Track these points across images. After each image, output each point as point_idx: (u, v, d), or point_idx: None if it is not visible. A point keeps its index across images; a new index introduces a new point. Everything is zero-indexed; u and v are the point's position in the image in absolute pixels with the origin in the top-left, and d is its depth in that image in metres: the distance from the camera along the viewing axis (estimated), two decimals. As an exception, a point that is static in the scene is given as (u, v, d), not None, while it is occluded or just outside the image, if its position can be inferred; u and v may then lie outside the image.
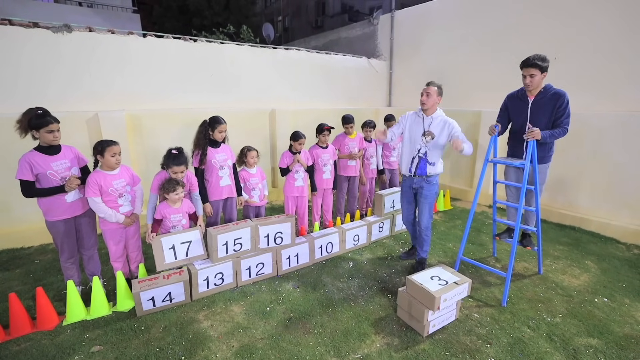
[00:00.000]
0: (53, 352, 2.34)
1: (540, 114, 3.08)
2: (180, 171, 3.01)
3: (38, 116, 2.53)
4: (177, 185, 2.97)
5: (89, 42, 4.38)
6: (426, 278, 2.64)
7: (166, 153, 3.06)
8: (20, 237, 4.02)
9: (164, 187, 2.96)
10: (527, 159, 2.90)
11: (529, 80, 3.02)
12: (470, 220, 3.21)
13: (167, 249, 2.94)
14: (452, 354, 2.35)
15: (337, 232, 3.79)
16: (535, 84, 3.02)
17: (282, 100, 6.26)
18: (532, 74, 2.98)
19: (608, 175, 4.43)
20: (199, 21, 18.54)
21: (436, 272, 2.74)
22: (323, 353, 2.35)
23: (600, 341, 2.46)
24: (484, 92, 6.01)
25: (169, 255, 2.96)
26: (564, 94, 3.00)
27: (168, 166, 3.01)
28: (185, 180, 3.13)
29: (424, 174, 3.21)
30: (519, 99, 3.24)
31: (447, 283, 2.57)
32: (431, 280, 2.60)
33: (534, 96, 3.12)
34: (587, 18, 4.65)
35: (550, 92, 3.04)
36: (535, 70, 2.96)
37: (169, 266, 2.99)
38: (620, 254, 3.87)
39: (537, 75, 2.98)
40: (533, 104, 3.12)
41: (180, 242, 3.01)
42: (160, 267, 2.95)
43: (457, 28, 6.32)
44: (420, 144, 3.20)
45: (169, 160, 3.00)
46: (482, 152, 5.69)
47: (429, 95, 3.10)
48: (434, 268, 2.81)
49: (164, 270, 2.97)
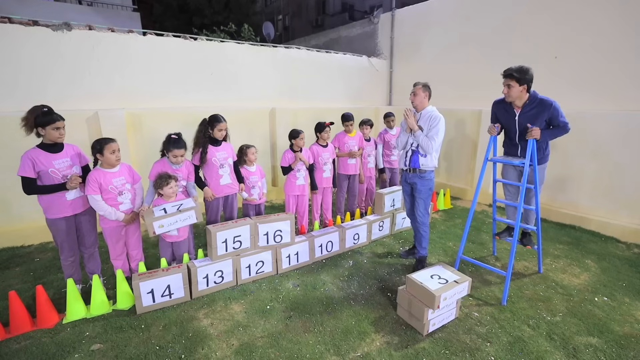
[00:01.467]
0: (53, 350, 2.34)
1: (529, 124, 2.99)
2: (180, 154, 3.05)
3: (45, 113, 2.55)
4: (170, 179, 2.99)
5: (89, 40, 4.37)
6: (426, 277, 2.63)
7: (165, 138, 3.10)
8: (21, 236, 4.01)
9: (157, 183, 2.98)
10: (527, 158, 2.89)
11: (506, 91, 2.98)
12: (470, 219, 3.21)
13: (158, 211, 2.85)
14: (452, 352, 2.35)
15: (337, 230, 3.79)
16: (513, 95, 2.95)
17: (282, 99, 6.26)
18: (509, 84, 2.94)
19: (608, 174, 4.43)
20: (199, 20, 18.50)
21: (436, 271, 2.74)
22: (323, 352, 2.36)
23: (601, 340, 2.46)
24: (483, 91, 5.97)
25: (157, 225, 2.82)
26: (552, 103, 2.91)
27: (168, 150, 3.04)
28: (183, 168, 3.15)
29: (417, 166, 3.27)
30: (504, 109, 3.17)
31: (447, 282, 2.57)
32: (431, 279, 2.60)
33: (520, 108, 3.04)
34: (587, 17, 4.64)
35: (535, 102, 2.96)
36: (512, 81, 2.91)
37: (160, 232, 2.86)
38: (620, 253, 3.86)
39: (514, 87, 2.91)
40: (520, 116, 3.05)
41: (171, 206, 2.93)
42: (152, 234, 2.83)
43: (457, 27, 6.31)
44: (412, 138, 3.27)
45: (169, 144, 3.04)
46: (481, 151, 5.69)
47: (416, 94, 3.23)
48: (434, 267, 2.81)
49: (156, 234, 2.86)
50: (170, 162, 3.12)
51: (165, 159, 3.16)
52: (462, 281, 2.60)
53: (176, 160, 3.07)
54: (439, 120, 3.15)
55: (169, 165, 3.12)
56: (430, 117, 3.19)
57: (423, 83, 3.25)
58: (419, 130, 3.19)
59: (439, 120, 3.15)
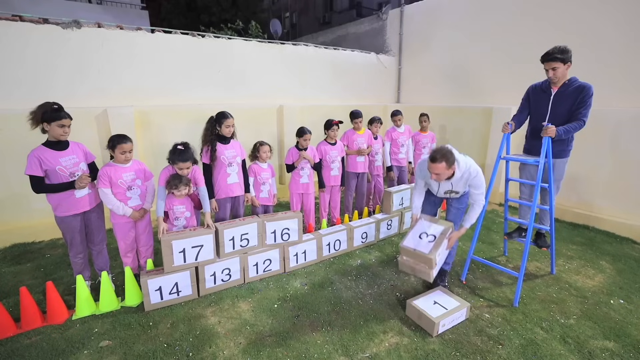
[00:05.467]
0: (63, 346, 2.35)
1: (561, 106, 3.01)
2: (185, 167, 2.97)
3: (53, 110, 2.57)
4: (180, 183, 2.95)
5: (98, 38, 4.40)
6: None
7: (172, 148, 3.03)
8: (32, 232, 4.07)
9: (169, 183, 2.96)
10: (542, 156, 2.82)
11: (552, 74, 2.97)
12: (482, 218, 3.15)
13: (177, 253, 2.82)
14: (463, 354, 2.30)
15: (345, 229, 3.75)
16: (559, 75, 2.96)
17: (289, 96, 6.22)
18: (554, 67, 2.93)
19: (624, 173, 4.30)
20: (207, 17, 18.59)
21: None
22: (331, 351, 2.33)
23: (617, 344, 2.39)
24: (495, 89, 5.89)
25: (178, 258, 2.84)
26: (589, 87, 2.92)
27: (174, 162, 2.98)
28: (190, 176, 3.12)
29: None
30: (542, 91, 3.16)
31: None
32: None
33: (557, 87, 3.05)
34: (604, 11, 4.50)
35: (574, 85, 2.97)
36: (557, 63, 2.91)
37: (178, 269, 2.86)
38: (636, 255, 3.76)
39: (559, 68, 2.92)
40: (555, 95, 3.05)
41: (191, 247, 2.87)
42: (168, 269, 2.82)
43: (468, 23, 6.19)
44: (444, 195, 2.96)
45: (174, 155, 2.98)
46: (493, 149, 5.59)
47: (439, 175, 2.57)
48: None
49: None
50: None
51: (171, 167, 3.06)
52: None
53: (182, 173, 2.98)
54: (479, 179, 2.67)
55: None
56: (466, 180, 2.70)
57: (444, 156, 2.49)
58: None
59: (480, 179, 2.67)
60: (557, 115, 3.02)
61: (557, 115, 3.02)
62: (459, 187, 2.77)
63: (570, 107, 2.98)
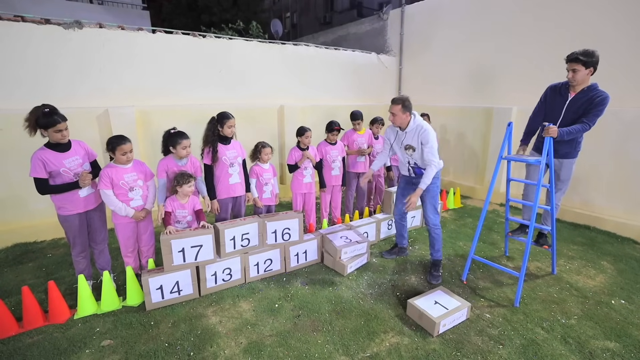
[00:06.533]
0: (65, 345, 2.36)
1: (575, 113, 2.98)
2: (188, 145, 3.05)
3: (45, 115, 2.50)
4: (190, 177, 2.98)
5: (99, 38, 4.40)
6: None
7: (165, 134, 3.07)
8: (33, 231, 4.08)
9: (177, 180, 2.96)
10: (543, 157, 2.81)
11: (571, 75, 2.94)
12: (483, 218, 3.15)
13: (177, 252, 2.83)
14: (464, 354, 2.30)
15: (346, 229, 3.75)
16: (578, 79, 2.92)
17: (290, 96, 6.22)
18: (574, 68, 2.90)
19: (626, 173, 4.29)
20: (208, 17, 18.63)
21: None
22: (332, 351, 2.33)
23: (619, 345, 2.39)
24: (495, 89, 5.88)
25: (177, 257, 2.85)
26: (606, 97, 2.88)
27: (175, 143, 3.00)
28: (189, 164, 3.15)
29: (422, 173, 3.14)
30: (559, 93, 3.13)
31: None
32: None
33: (575, 93, 3.01)
34: (606, 11, 4.49)
35: (592, 92, 2.92)
36: (578, 65, 2.87)
37: (178, 268, 2.87)
38: (637, 255, 3.75)
39: (580, 71, 2.88)
40: (571, 101, 3.01)
41: (190, 246, 2.88)
42: (168, 269, 2.83)
43: (469, 23, 6.18)
44: (406, 157, 3.19)
45: (174, 137, 3.01)
46: (493, 150, 5.59)
47: (395, 115, 3.01)
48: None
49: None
50: (176, 158, 3.11)
51: (170, 156, 3.13)
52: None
53: (185, 152, 3.03)
54: (427, 133, 2.96)
55: (174, 163, 3.12)
56: (418, 134, 3.01)
57: (401, 99, 2.98)
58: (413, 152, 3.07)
59: (428, 134, 2.96)
60: (569, 122, 2.98)
61: (568, 121, 2.98)
62: (414, 141, 3.04)
63: (582, 115, 2.95)
